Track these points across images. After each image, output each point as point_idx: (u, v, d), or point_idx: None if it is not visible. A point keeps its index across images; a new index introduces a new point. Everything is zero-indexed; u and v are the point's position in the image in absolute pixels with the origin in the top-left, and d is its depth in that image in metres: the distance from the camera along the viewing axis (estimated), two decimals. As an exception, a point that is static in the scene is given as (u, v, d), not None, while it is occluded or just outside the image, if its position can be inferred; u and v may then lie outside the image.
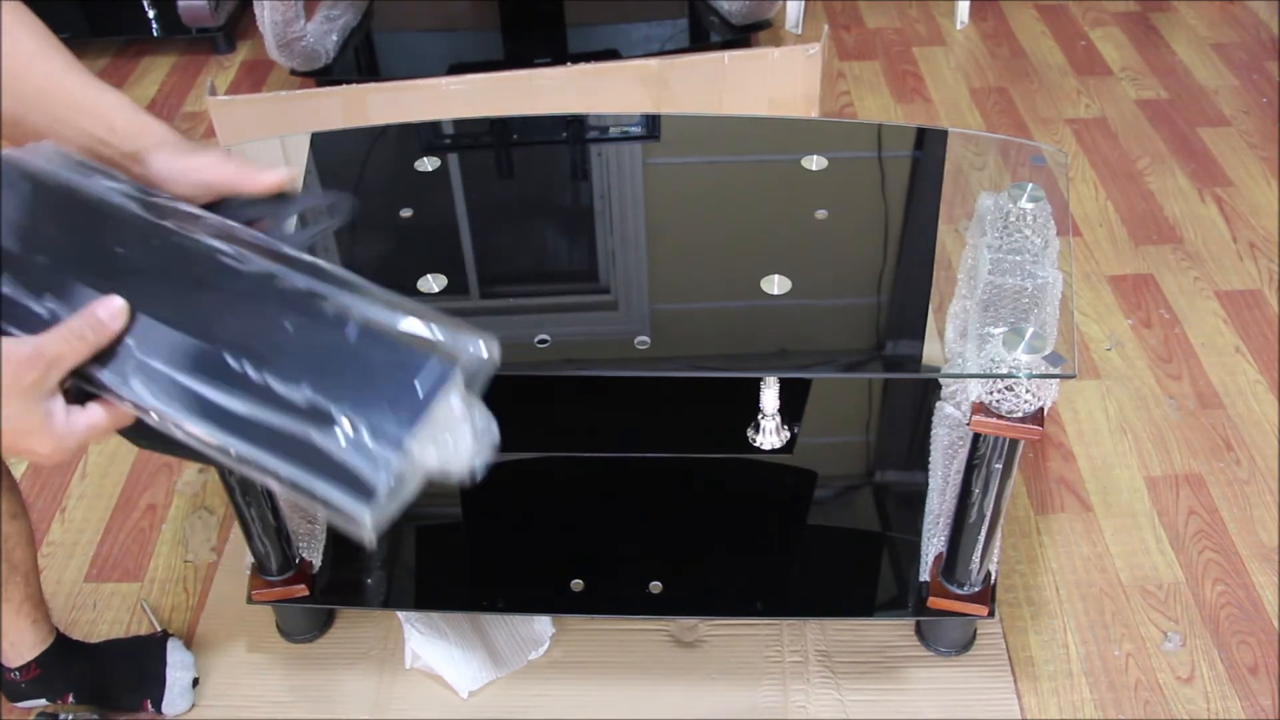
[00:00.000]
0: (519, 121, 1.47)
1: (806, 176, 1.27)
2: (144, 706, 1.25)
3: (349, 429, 0.66)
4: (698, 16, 2.41)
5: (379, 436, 0.66)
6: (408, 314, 0.70)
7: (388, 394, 0.67)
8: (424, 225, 1.24)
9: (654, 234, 1.24)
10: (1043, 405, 0.99)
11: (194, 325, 0.70)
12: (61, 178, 0.77)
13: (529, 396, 1.42)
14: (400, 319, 0.70)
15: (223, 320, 0.71)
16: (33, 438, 0.68)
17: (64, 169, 0.78)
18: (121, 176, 0.79)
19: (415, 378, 0.67)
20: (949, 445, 1.26)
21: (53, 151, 0.79)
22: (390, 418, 0.66)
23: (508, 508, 1.34)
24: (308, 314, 0.71)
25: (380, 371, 0.68)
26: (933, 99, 2.31)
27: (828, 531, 1.32)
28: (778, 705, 1.26)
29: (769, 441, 1.33)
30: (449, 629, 1.30)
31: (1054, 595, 1.37)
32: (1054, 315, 1.03)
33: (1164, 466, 1.52)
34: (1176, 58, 2.39)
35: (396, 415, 0.66)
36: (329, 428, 0.66)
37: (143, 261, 0.74)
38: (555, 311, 1.14)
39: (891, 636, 1.32)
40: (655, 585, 1.23)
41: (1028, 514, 1.47)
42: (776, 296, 1.09)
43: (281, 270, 0.73)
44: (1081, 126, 2.19)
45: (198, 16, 2.48)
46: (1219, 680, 1.28)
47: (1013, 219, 1.08)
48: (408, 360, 0.68)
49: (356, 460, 0.66)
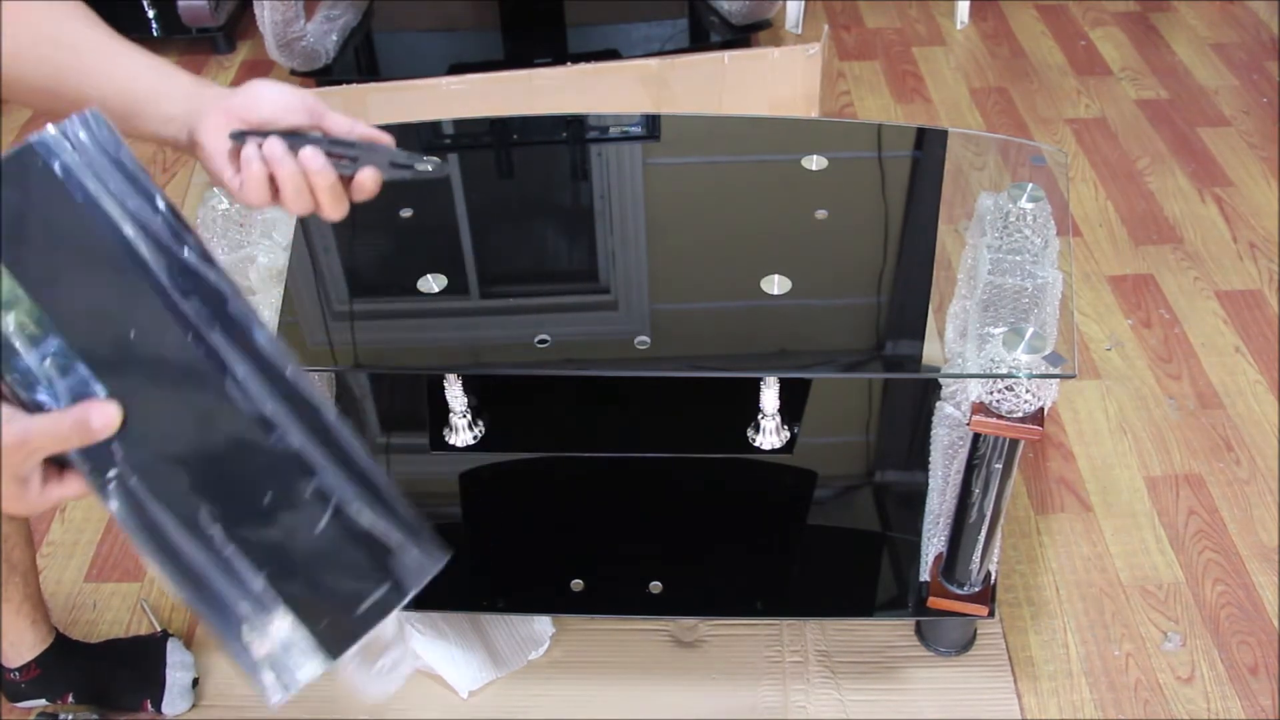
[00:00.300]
0: (519, 121, 1.47)
1: (806, 176, 1.27)
2: (144, 706, 1.25)
3: (277, 645, 0.67)
4: (698, 16, 2.41)
5: (300, 663, 0.68)
6: (378, 515, 0.71)
7: (330, 612, 0.69)
8: (424, 225, 1.24)
9: (654, 234, 1.24)
10: (1043, 405, 0.99)
11: (181, 461, 0.68)
12: (90, 191, 0.68)
13: (529, 396, 1.42)
14: (369, 518, 0.70)
15: (209, 465, 0.69)
16: (6, 502, 0.69)
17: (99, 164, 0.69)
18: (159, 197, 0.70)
19: (361, 605, 0.69)
20: (949, 445, 1.26)
21: (92, 133, 0.69)
22: (321, 644, 0.68)
23: (508, 508, 1.34)
24: (289, 489, 0.70)
25: (333, 583, 0.69)
26: (933, 99, 2.31)
27: (828, 531, 1.32)
28: (778, 705, 1.26)
29: (769, 441, 1.33)
30: (449, 629, 1.30)
31: (1054, 595, 1.37)
32: (1054, 315, 1.03)
33: (1164, 466, 1.52)
34: (1176, 58, 2.39)
35: (327, 645, 0.68)
36: (264, 629, 0.67)
37: (150, 362, 0.69)
38: (555, 311, 1.14)
39: (891, 636, 1.32)
40: (655, 585, 1.23)
41: (1028, 514, 1.47)
42: (776, 296, 1.09)
43: (283, 417, 0.70)
44: (1081, 126, 2.19)
45: (198, 16, 2.48)
46: (1219, 680, 1.28)
47: (1013, 219, 1.08)
48: (362, 579, 0.69)
49: (269, 670, 0.68)
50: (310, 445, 0.70)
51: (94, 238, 0.68)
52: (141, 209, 0.69)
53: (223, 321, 0.69)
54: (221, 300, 0.70)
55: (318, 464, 0.70)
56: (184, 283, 0.69)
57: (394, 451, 1.42)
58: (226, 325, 0.69)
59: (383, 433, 1.44)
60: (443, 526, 1.34)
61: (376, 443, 1.43)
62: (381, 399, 1.48)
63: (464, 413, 1.33)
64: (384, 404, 1.47)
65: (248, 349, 0.70)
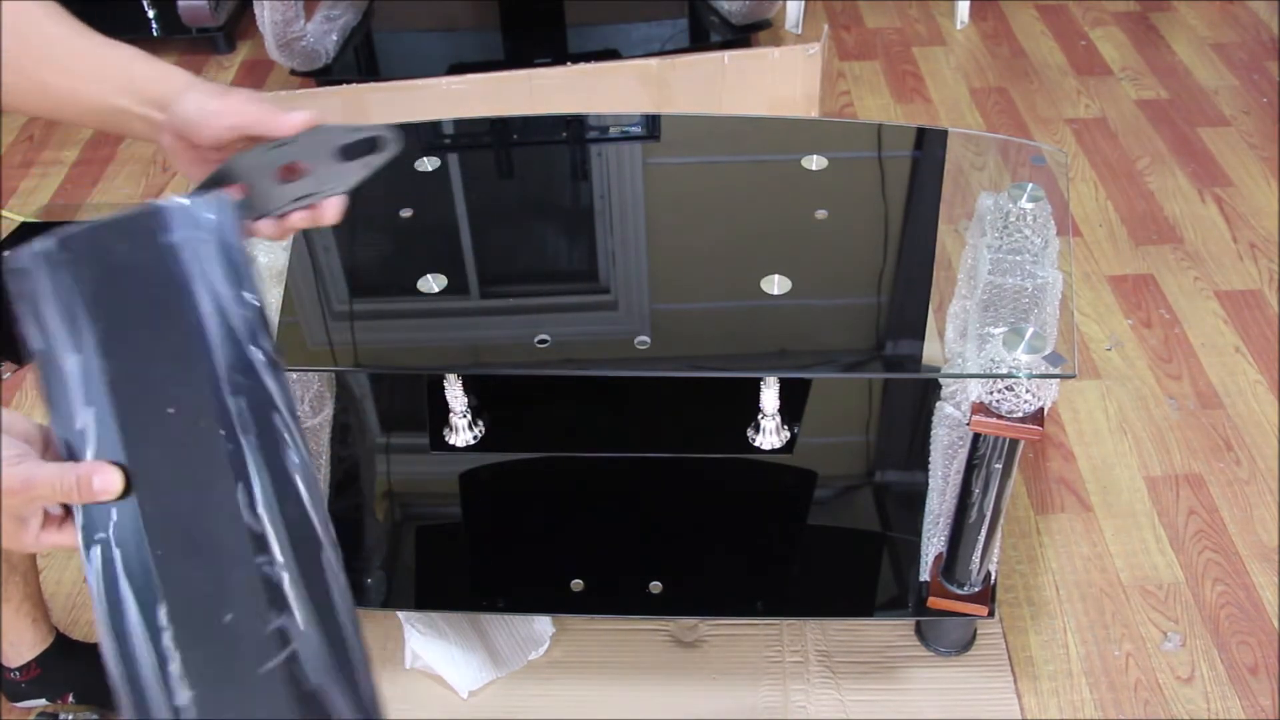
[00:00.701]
0: (519, 121, 1.47)
1: (806, 176, 1.27)
2: (144, 706, 1.25)
3: None
4: (698, 16, 2.41)
5: None
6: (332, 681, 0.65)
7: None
8: (424, 225, 1.24)
9: (654, 234, 1.24)
10: (1043, 405, 0.99)
11: (164, 546, 0.66)
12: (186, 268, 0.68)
13: (529, 396, 1.42)
14: (321, 681, 0.65)
15: (188, 561, 0.66)
16: (4, 539, 0.70)
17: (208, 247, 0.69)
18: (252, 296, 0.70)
19: None
20: (949, 445, 1.26)
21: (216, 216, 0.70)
22: None
23: (508, 508, 1.34)
24: (253, 618, 0.65)
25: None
26: (933, 99, 2.31)
27: (828, 531, 1.32)
28: (778, 705, 1.26)
29: (769, 441, 1.33)
30: (449, 629, 1.30)
31: (1054, 595, 1.37)
32: (1054, 315, 1.03)
33: (1164, 466, 1.52)
34: (1176, 58, 2.39)
35: None
36: None
37: (175, 444, 0.67)
38: (555, 311, 1.14)
39: (891, 636, 1.32)
40: (655, 585, 1.23)
41: (1028, 514, 1.47)
42: (776, 296, 1.09)
43: (278, 542, 0.66)
44: (1081, 126, 2.19)
45: (198, 16, 2.48)
46: (1219, 680, 1.28)
47: (1013, 219, 1.08)
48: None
49: None
50: (295, 582, 0.66)
51: (171, 312, 0.68)
52: (230, 300, 0.69)
53: (261, 428, 0.68)
54: (270, 407, 0.68)
55: (293, 604, 0.65)
56: (240, 379, 0.68)
57: (394, 451, 1.42)
58: (264, 433, 0.68)
59: (383, 433, 1.44)
60: (443, 526, 1.35)
61: (376, 443, 1.43)
62: (381, 399, 1.48)
63: (464, 413, 1.33)
64: (384, 404, 1.47)
65: (273, 464, 0.67)
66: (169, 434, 0.67)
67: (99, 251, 0.69)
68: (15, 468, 0.65)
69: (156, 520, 0.66)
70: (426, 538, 1.34)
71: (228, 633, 0.65)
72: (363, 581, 1.27)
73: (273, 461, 0.67)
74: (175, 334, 0.68)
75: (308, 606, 0.65)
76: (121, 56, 0.82)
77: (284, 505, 0.67)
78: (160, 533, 0.66)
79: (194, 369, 0.67)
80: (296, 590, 0.66)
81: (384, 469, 1.40)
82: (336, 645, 0.65)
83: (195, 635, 0.65)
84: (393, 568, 1.29)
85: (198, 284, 0.68)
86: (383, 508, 1.36)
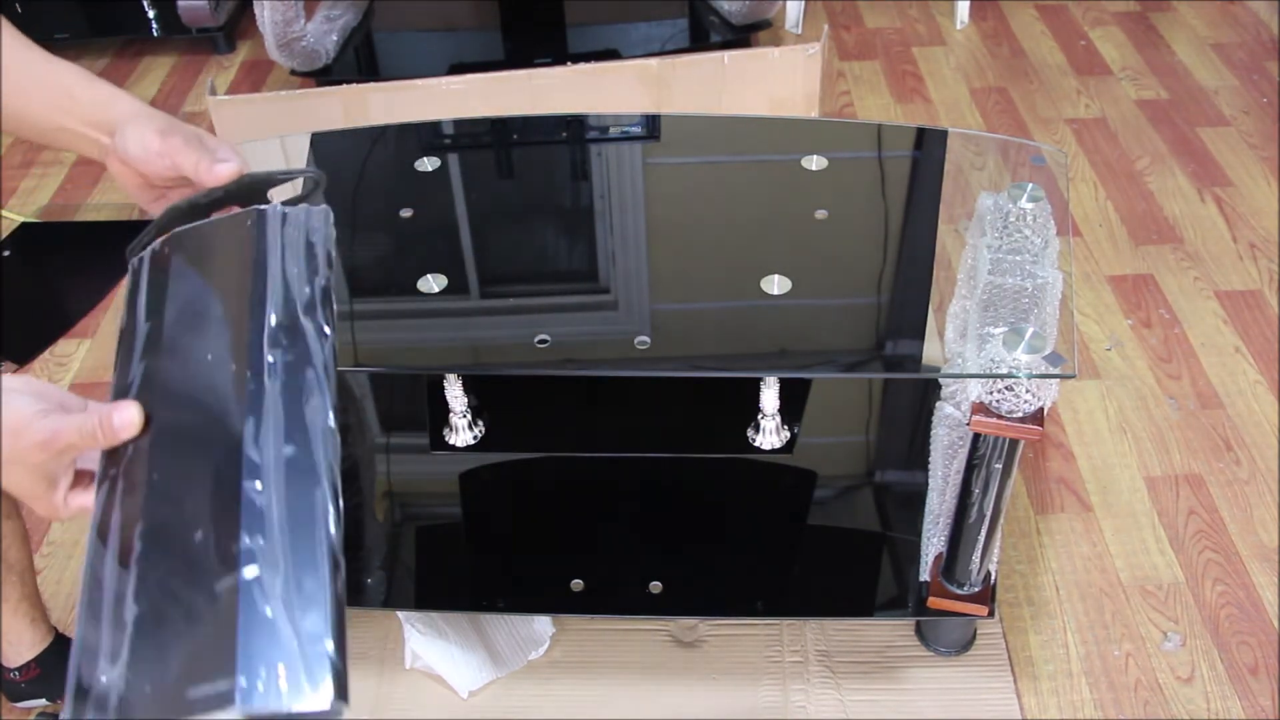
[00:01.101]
0: (519, 121, 1.47)
1: (806, 176, 1.27)
2: (144, 706, 1.25)
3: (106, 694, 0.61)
4: (698, 16, 2.41)
5: (119, 710, 0.60)
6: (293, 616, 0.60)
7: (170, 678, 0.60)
8: (424, 225, 1.24)
9: (654, 234, 1.24)
10: (1043, 405, 0.99)
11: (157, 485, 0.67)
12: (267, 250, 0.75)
13: (529, 396, 1.42)
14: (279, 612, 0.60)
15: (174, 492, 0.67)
16: (31, 502, 0.72)
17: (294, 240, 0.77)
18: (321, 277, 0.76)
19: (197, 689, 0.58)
20: (949, 445, 1.26)
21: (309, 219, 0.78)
22: (145, 706, 0.60)
23: (508, 508, 1.34)
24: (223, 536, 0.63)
25: (186, 663, 0.60)
26: (933, 99, 2.31)
27: (828, 531, 1.32)
28: (778, 705, 1.26)
29: (769, 441, 1.33)
30: (449, 629, 1.30)
31: (1054, 595, 1.37)
32: (1054, 315, 1.03)
33: (1164, 466, 1.52)
34: (1176, 58, 2.39)
35: (153, 708, 0.60)
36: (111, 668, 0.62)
37: (199, 388, 0.70)
38: (555, 311, 1.14)
39: (891, 636, 1.32)
40: (655, 585, 1.23)
41: (1028, 514, 1.47)
42: (776, 296, 1.09)
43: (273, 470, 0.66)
44: (1081, 126, 2.19)
45: (198, 16, 2.49)
46: (1219, 680, 1.28)
47: (1013, 219, 1.08)
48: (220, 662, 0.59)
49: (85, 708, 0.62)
50: (278, 512, 0.64)
51: (242, 288, 0.74)
52: (297, 278, 0.75)
53: (289, 377, 0.70)
54: (306, 364, 0.70)
55: (272, 531, 0.63)
56: (284, 339, 0.71)
57: (394, 451, 1.42)
58: (291, 382, 0.69)
59: (383, 433, 1.44)
60: (443, 526, 1.35)
61: (376, 443, 1.43)
62: (381, 399, 1.48)
63: (464, 413, 1.33)
64: (384, 404, 1.47)
65: (292, 409, 0.68)
66: (200, 377, 0.71)
67: (198, 244, 0.78)
68: (42, 420, 0.67)
69: (163, 446, 0.69)
70: (426, 538, 1.34)
71: (193, 550, 0.64)
72: (363, 581, 1.27)
73: (292, 406, 0.68)
74: (238, 304, 0.73)
75: (286, 537, 0.63)
76: (64, 77, 0.84)
77: (290, 443, 0.67)
78: (163, 458, 0.68)
79: (244, 329, 0.72)
80: (278, 519, 0.64)
81: (384, 469, 1.40)
82: (308, 582, 0.62)
83: (162, 552, 0.65)
84: (393, 568, 1.29)
85: (273, 265, 0.75)
86: (383, 508, 1.36)
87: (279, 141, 1.45)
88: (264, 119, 1.92)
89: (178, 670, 0.60)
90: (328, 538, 0.64)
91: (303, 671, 0.58)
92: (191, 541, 0.64)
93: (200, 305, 0.75)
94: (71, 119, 0.83)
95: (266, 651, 0.59)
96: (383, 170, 1.35)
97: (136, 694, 0.60)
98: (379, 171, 1.35)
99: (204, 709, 0.58)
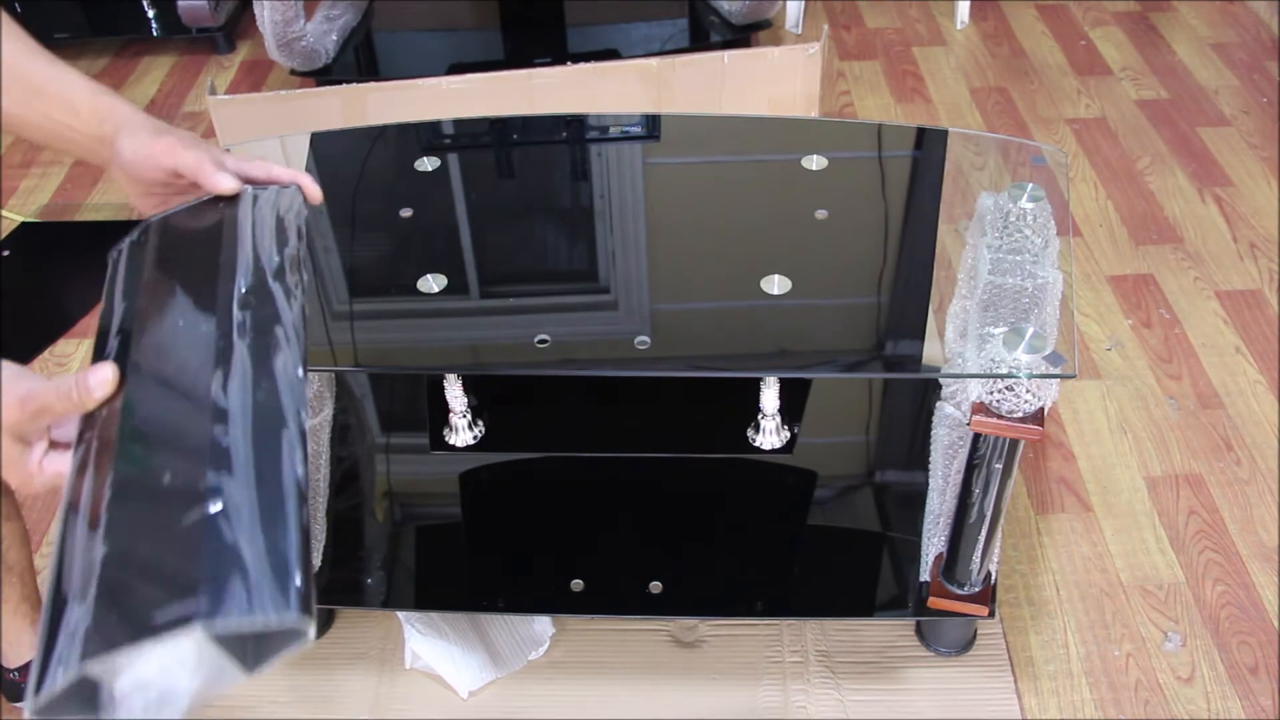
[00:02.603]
0: (519, 121, 1.47)
1: (806, 176, 1.27)
2: (144, 706, 1.25)
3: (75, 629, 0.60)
4: (698, 16, 2.41)
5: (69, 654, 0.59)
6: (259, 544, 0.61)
7: (135, 604, 0.60)
8: (424, 225, 1.24)
9: (654, 234, 1.24)
10: (1043, 405, 0.99)
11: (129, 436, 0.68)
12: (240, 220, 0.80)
13: (529, 396, 1.42)
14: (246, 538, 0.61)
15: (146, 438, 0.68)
16: (5, 469, 0.71)
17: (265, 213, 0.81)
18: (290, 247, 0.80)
19: (159, 611, 0.58)
20: (949, 445, 1.26)
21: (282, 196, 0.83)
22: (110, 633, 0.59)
23: (508, 508, 1.34)
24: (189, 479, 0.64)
25: (151, 591, 0.60)
26: (933, 99, 2.31)
27: (828, 531, 1.32)
28: (778, 705, 1.26)
29: (769, 441, 1.33)
30: (449, 629, 1.30)
31: (1054, 595, 1.37)
32: (1054, 315, 1.03)
33: (1164, 466, 1.52)
34: (1176, 58, 2.39)
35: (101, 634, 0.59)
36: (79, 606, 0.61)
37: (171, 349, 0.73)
38: (555, 311, 1.14)
39: (891, 636, 1.32)
40: (655, 585, 1.23)
41: (1028, 514, 1.47)
42: (776, 296, 1.09)
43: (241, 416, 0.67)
44: (1081, 126, 2.19)
45: (198, 16, 2.49)
46: (1219, 680, 1.28)
47: (1013, 219, 1.08)
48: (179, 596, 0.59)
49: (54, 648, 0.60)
50: (245, 451, 0.65)
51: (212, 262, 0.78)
52: (267, 249, 0.79)
53: (258, 333, 0.72)
54: (274, 322, 0.73)
55: (237, 469, 0.64)
56: (252, 300, 0.75)
57: (394, 451, 1.42)
58: (260, 338, 0.72)
59: (383, 433, 1.44)
60: (443, 526, 1.35)
61: (376, 443, 1.43)
62: (381, 399, 1.48)
63: (464, 413, 1.33)
64: (384, 404, 1.47)
65: (260, 361, 0.71)
66: (173, 341, 0.73)
67: (173, 229, 0.81)
68: (17, 382, 0.68)
69: (136, 404, 0.70)
70: (426, 538, 1.34)
71: (160, 492, 0.65)
72: (363, 581, 1.27)
73: (260, 359, 0.71)
74: (210, 276, 0.77)
75: (251, 473, 0.65)
76: (66, 86, 0.84)
77: (258, 391, 0.69)
78: (136, 413, 0.69)
79: (215, 296, 0.75)
80: (245, 458, 0.65)
81: (384, 469, 1.40)
82: (273, 513, 0.63)
83: (131, 497, 0.65)
84: (393, 568, 1.29)
85: (244, 239, 0.78)
86: (383, 508, 1.36)
87: (279, 141, 1.45)
88: (264, 119, 1.92)
89: (143, 598, 0.60)
90: (294, 474, 0.65)
91: (267, 589, 0.59)
92: (160, 485, 0.65)
93: (174, 280, 0.78)
94: (74, 126, 0.83)
95: (230, 574, 0.59)
96: (382, 170, 1.35)
97: (103, 624, 0.60)
98: (379, 171, 1.35)
99: (169, 630, 0.58)
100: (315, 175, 1.31)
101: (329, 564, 1.27)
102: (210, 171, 0.81)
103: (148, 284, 0.78)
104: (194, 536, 0.61)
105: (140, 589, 0.61)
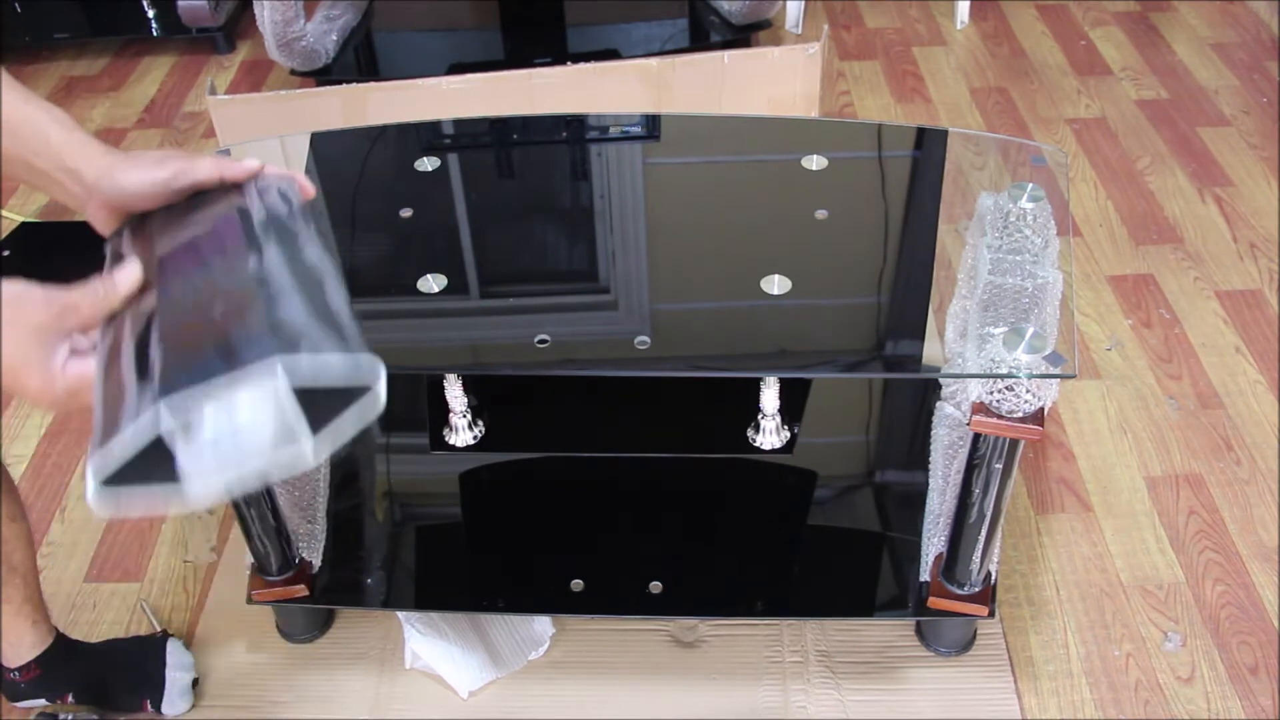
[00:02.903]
0: (519, 121, 1.47)
1: (806, 176, 1.27)
2: (143, 707, 1.25)
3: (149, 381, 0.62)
4: (698, 16, 2.41)
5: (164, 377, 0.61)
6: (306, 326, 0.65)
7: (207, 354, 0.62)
8: (424, 225, 1.24)
9: (654, 234, 1.24)
10: (1043, 405, 0.99)
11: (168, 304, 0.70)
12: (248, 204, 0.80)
13: (529, 396, 1.42)
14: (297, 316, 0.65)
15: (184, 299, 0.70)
16: (25, 372, 0.70)
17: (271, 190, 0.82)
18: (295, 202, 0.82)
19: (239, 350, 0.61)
20: (949, 445, 1.26)
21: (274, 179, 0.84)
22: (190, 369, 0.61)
23: (507, 508, 1.34)
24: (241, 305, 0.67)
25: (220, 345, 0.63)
26: (933, 99, 2.31)
27: (828, 531, 1.32)
28: (778, 705, 1.26)
29: (769, 441, 1.33)
30: (449, 629, 1.30)
31: (1054, 595, 1.37)
32: (1054, 315, 1.03)
33: (1164, 466, 1.52)
34: (1176, 58, 2.39)
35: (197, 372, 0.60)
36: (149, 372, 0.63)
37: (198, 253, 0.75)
38: (555, 311, 1.14)
39: (891, 636, 1.32)
40: (655, 585, 1.23)
41: (1028, 514, 1.47)
42: (776, 296, 1.09)
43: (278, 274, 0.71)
44: (1081, 126, 2.19)
45: (198, 16, 2.48)
46: (1219, 680, 1.28)
47: (1013, 219, 1.08)
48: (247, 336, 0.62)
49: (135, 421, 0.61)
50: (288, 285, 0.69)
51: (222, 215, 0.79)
52: (275, 202, 0.80)
53: (281, 236, 0.75)
54: (294, 234, 0.76)
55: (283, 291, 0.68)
56: (271, 226, 0.77)
57: (394, 451, 1.42)
58: (283, 239, 0.75)
59: (383, 433, 1.44)
60: (443, 526, 1.35)
61: (376, 443, 1.43)
62: (381, 399, 1.48)
63: (464, 413, 1.33)
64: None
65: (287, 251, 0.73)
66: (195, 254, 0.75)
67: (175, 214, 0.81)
68: (44, 288, 0.70)
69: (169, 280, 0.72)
70: (426, 538, 1.34)
71: (212, 325, 0.66)
72: (363, 581, 1.27)
73: (287, 250, 0.73)
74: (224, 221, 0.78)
75: (299, 294, 0.68)
76: (40, 120, 0.83)
77: (292, 265, 0.72)
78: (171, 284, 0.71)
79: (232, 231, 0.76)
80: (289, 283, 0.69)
81: (384, 469, 1.40)
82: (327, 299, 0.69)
83: (179, 337, 0.66)
84: (393, 568, 1.29)
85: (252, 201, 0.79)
86: (383, 508, 1.36)
87: (279, 141, 1.46)
88: (264, 119, 1.92)
89: (215, 344, 0.62)
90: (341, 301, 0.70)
91: (338, 342, 0.64)
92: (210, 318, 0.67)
93: (187, 213, 0.79)
94: (47, 161, 0.82)
95: (297, 334, 0.62)
96: (382, 170, 1.35)
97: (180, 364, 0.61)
98: (379, 171, 1.35)
99: (253, 363, 0.60)
100: (315, 175, 1.32)
101: (329, 564, 1.27)
102: (228, 164, 0.82)
103: (158, 220, 0.79)
104: (255, 308, 0.65)
105: (208, 344, 0.63)
